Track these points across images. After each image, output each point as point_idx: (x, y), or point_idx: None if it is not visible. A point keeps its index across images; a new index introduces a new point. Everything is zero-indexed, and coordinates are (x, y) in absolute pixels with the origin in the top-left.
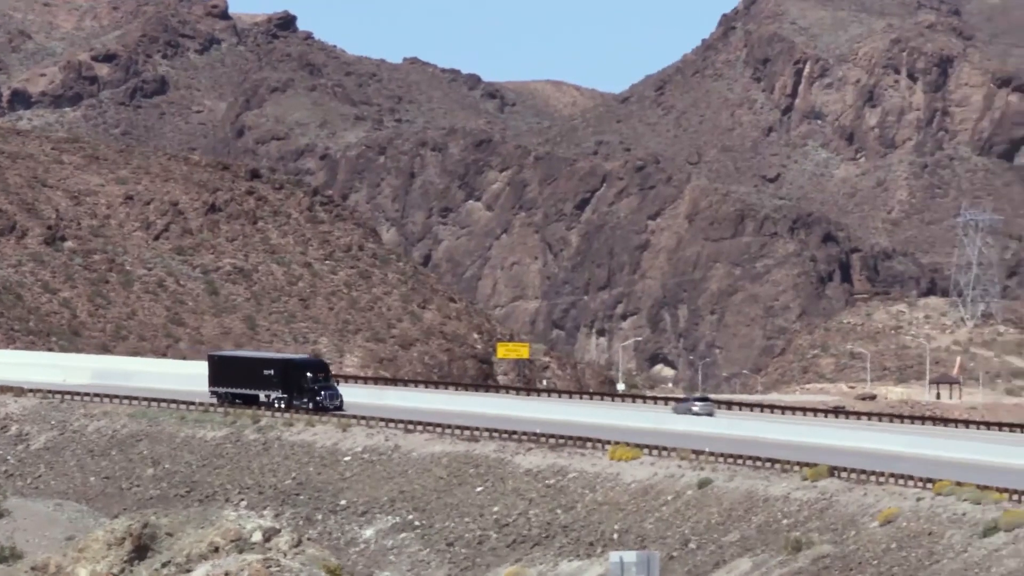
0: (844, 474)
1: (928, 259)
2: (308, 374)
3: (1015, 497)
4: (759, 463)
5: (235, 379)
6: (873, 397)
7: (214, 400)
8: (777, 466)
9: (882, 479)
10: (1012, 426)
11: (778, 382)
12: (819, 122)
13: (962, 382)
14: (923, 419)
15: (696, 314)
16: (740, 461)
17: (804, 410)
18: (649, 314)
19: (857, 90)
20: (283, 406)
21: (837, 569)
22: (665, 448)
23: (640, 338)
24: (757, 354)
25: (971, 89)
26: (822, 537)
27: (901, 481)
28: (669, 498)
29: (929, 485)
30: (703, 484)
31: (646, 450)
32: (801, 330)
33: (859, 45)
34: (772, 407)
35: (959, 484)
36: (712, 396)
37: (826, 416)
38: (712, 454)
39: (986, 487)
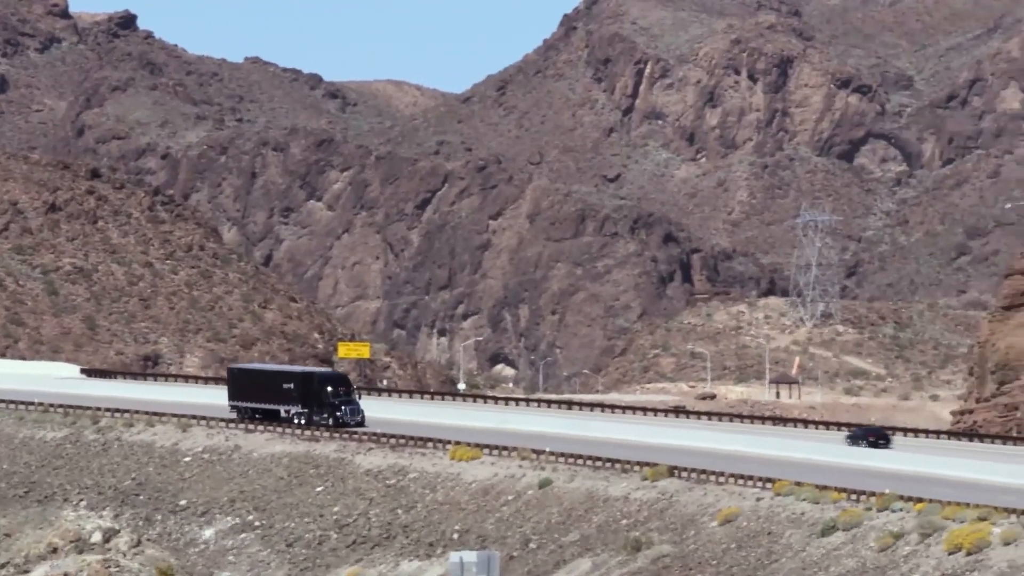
0: (684, 474)
1: (768, 259)
2: (328, 388)
3: (853, 497)
4: (599, 463)
5: (255, 393)
6: (713, 397)
7: (234, 415)
8: (617, 466)
9: (722, 479)
10: (850, 426)
11: (619, 382)
12: (660, 122)
13: (801, 382)
14: (762, 419)
15: (537, 314)
16: (580, 461)
17: (644, 410)
18: (490, 314)
19: (698, 91)
20: (303, 422)
21: (677, 569)
22: (506, 448)
23: (481, 338)
24: (598, 354)
25: (811, 90)
26: (662, 537)
27: (741, 481)
28: (510, 498)
29: (768, 485)
30: (543, 484)
31: (487, 450)
32: (642, 330)
33: (700, 46)
34: (613, 407)
35: (798, 484)
36: (555, 397)
37: (666, 416)
38: (552, 454)
39: (825, 487)
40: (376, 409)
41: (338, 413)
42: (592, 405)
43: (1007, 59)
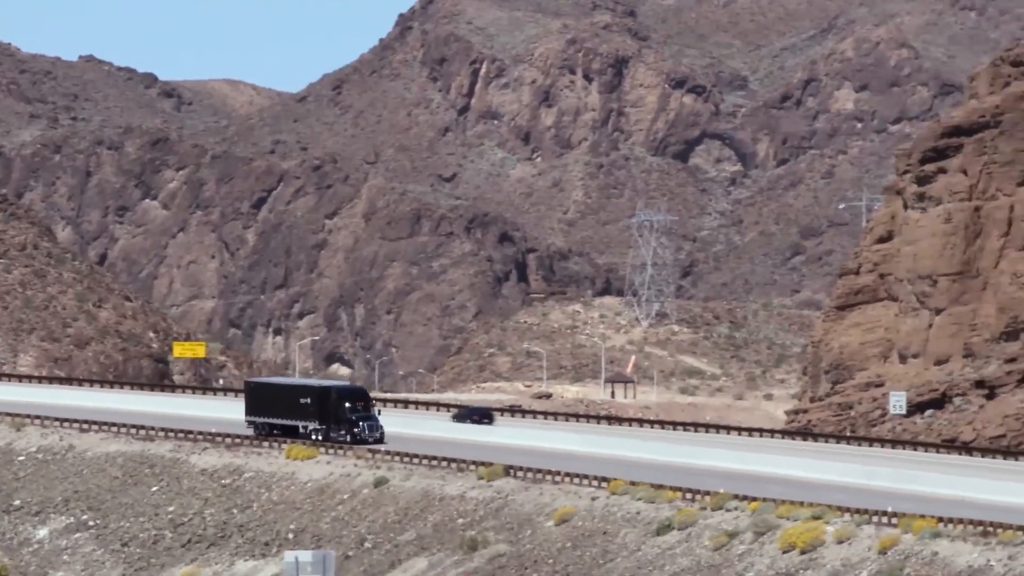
0: (520, 473)
1: (603, 259)
2: (346, 403)
3: (688, 496)
4: (435, 462)
5: (272, 408)
6: (549, 396)
7: (251, 431)
8: (453, 465)
9: (558, 478)
10: (686, 425)
11: (455, 381)
12: (495, 122)
13: (636, 381)
14: (598, 418)
15: (373, 313)
16: (416, 460)
17: None
18: (326, 313)
19: (533, 90)
20: (320, 438)
21: (513, 568)
22: (341, 447)
23: (317, 337)
24: (434, 353)
25: (646, 90)
26: (498, 536)
27: (576, 480)
28: (345, 497)
29: (604, 484)
30: (379, 483)
31: (322, 449)
32: (477, 329)
33: (535, 46)
34: (449, 406)
35: (633, 483)
36: (391, 396)
37: (502, 415)
38: (388, 453)
39: (660, 486)
40: (210, 409)
41: (356, 429)
42: (428, 404)
43: (841, 59)
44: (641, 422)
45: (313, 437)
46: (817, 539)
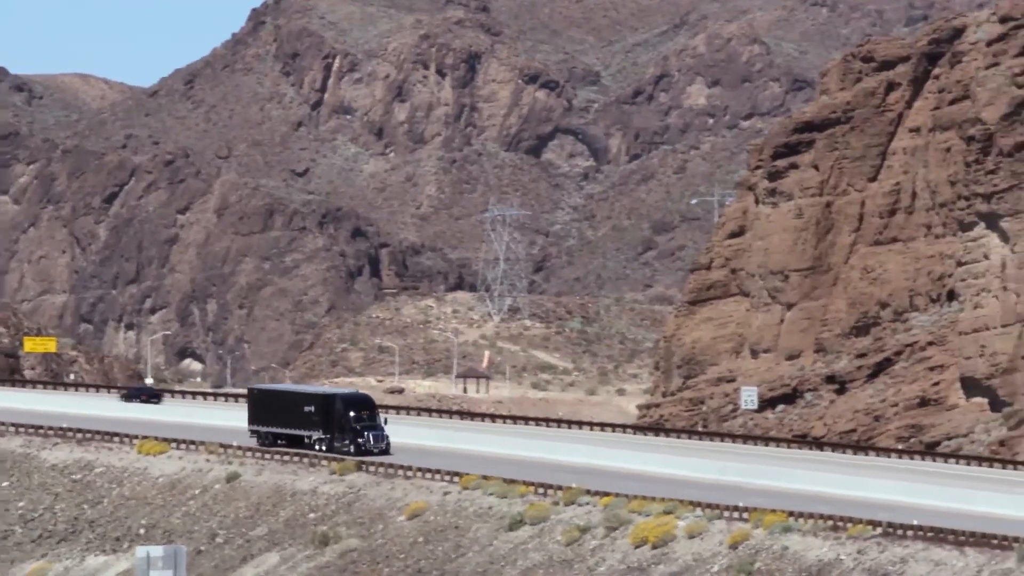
0: (372, 468)
1: (456, 254)
2: (351, 412)
3: (541, 491)
4: (287, 457)
5: (276, 417)
6: (401, 391)
7: (254, 440)
8: (305, 460)
9: (410, 473)
10: (538, 420)
11: (307, 376)
12: (348, 117)
13: (489, 376)
14: (451, 413)
15: (225, 308)
16: (268, 455)
17: None
18: (178, 308)
19: (386, 85)
20: (324, 448)
21: (364, 563)
22: (193, 442)
23: (169, 332)
24: (286, 348)
25: (499, 85)
26: (350, 531)
27: (428, 475)
28: (197, 492)
29: (456, 479)
30: (231, 478)
31: (174, 444)
32: (330, 324)
33: (388, 40)
34: None
35: (486, 478)
36: (243, 391)
37: None
38: (240, 448)
39: (512, 481)
40: (61, 404)
41: (360, 439)
42: None
43: (693, 55)
44: (493, 417)
45: (317, 448)
46: (668, 534)
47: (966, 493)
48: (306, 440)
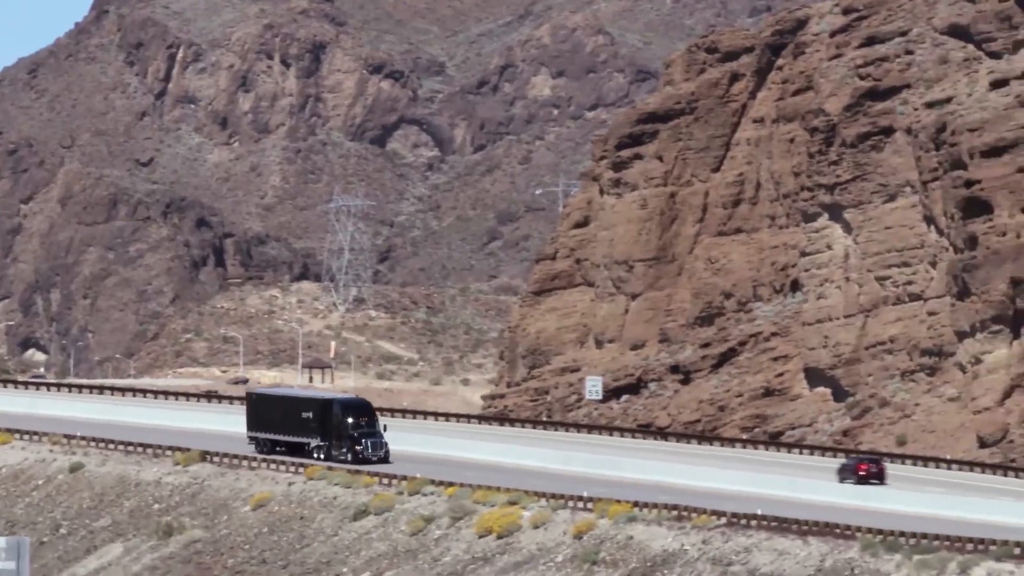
0: (216, 459)
1: (301, 244)
2: (349, 418)
3: (385, 481)
4: (131, 448)
5: (275, 423)
6: (246, 381)
7: (252, 447)
8: (149, 451)
9: (255, 464)
10: (383, 410)
11: (151, 366)
12: (192, 107)
13: (335, 366)
14: None
15: (69, 298)
16: (112, 446)
17: (176, 394)
18: (21, 298)
19: (230, 75)
20: (321, 457)
21: (208, 554)
22: (36, 433)
23: (12, 322)
24: (130, 338)
25: (343, 75)
26: (194, 522)
27: (273, 466)
28: (40, 483)
29: (301, 470)
30: (75, 469)
31: (17, 435)
32: (174, 314)
33: (232, 30)
34: (145, 391)
35: (330, 468)
36: (86, 381)
37: (198, 400)
38: (84, 439)
39: (357, 471)
40: None
41: (358, 447)
42: (124, 390)
43: (537, 46)
44: None
45: (315, 456)
46: (513, 524)
47: (809, 483)
48: (307, 448)
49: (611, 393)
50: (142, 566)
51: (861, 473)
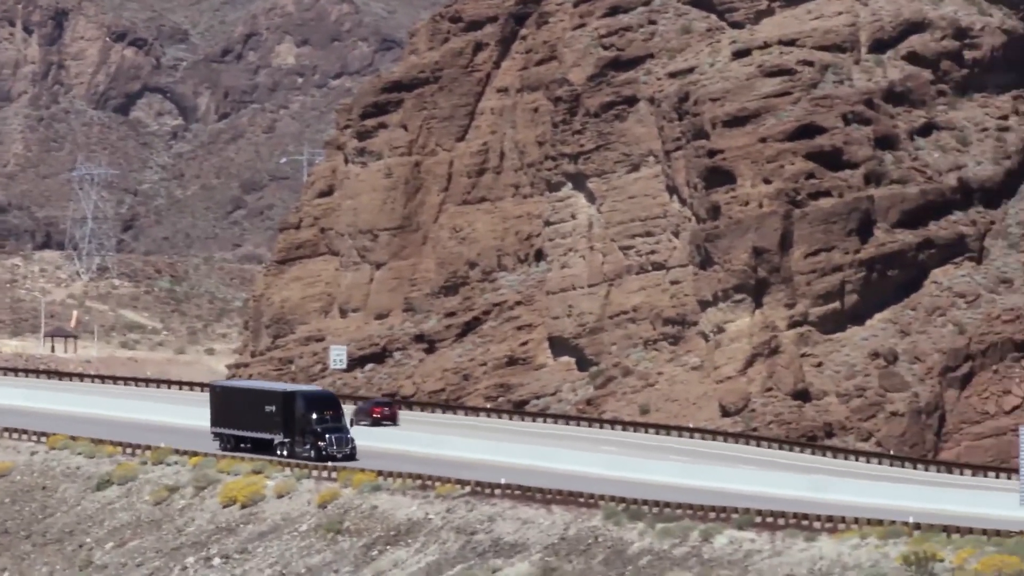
0: None
1: (43, 213)
2: (313, 413)
3: (129, 450)
4: None
5: (238, 418)
6: None
7: (216, 443)
8: None
9: None
10: (126, 379)
11: None
12: None
13: (78, 336)
14: (38, 372)
15: None
16: None
17: None
18: None
19: None
20: (285, 454)
21: None
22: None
23: None
24: None
25: (87, 43)
26: None
27: (15, 435)
28: None
29: (43, 439)
30: None
31: None
32: None
33: None
34: None
35: (73, 438)
36: None
37: None
38: None
39: (101, 441)
40: None
41: (321, 443)
42: None
43: (281, 14)
44: (82, 376)
45: (278, 452)
46: (258, 493)
47: (553, 452)
48: (272, 444)
49: (356, 362)
50: None
51: (376, 415)
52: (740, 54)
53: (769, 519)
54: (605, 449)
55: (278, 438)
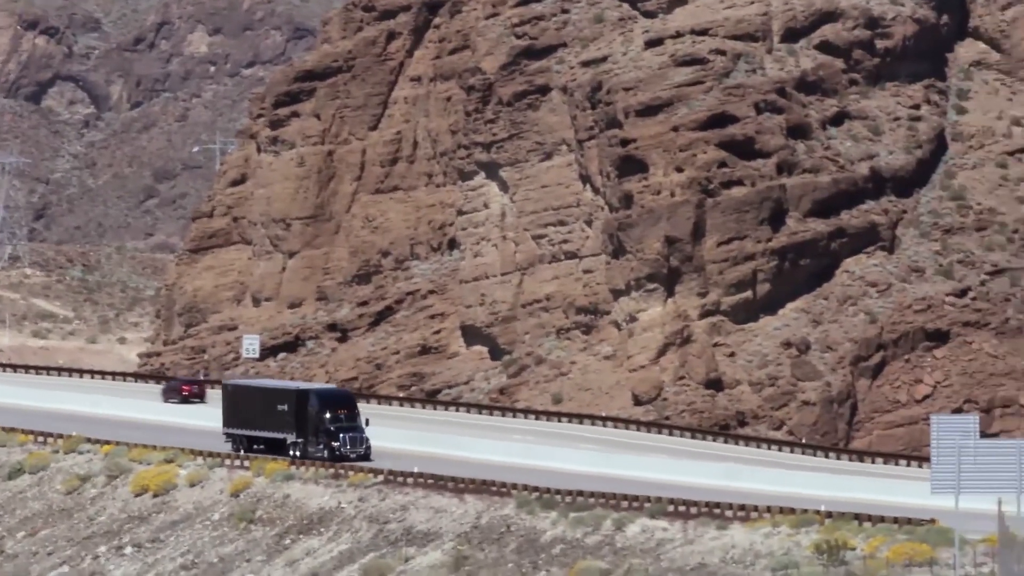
0: None
1: None
2: (327, 411)
3: (41, 439)
4: None
5: (251, 417)
6: None
7: (228, 445)
8: None
9: None
10: (38, 368)
11: None
12: None
13: None
14: None
15: None
16: None
17: None
18: None
19: None
20: (297, 454)
21: None
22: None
23: None
24: None
25: None
26: None
27: None
28: None
29: None
30: None
31: None
32: None
33: None
34: None
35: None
36: None
37: None
38: None
39: (12, 429)
40: None
41: (335, 443)
42: None
43: (194, 3)
44: (4, 367)
45: (291, 452)
46: (170, 482)
47: (466, 440)
48: (285, 444)
49: (269, 351)
50: None
51: (185, 393)
52: (653, 43)
53: (681, 508)
54: (518, 438)
55: (290, 438)
